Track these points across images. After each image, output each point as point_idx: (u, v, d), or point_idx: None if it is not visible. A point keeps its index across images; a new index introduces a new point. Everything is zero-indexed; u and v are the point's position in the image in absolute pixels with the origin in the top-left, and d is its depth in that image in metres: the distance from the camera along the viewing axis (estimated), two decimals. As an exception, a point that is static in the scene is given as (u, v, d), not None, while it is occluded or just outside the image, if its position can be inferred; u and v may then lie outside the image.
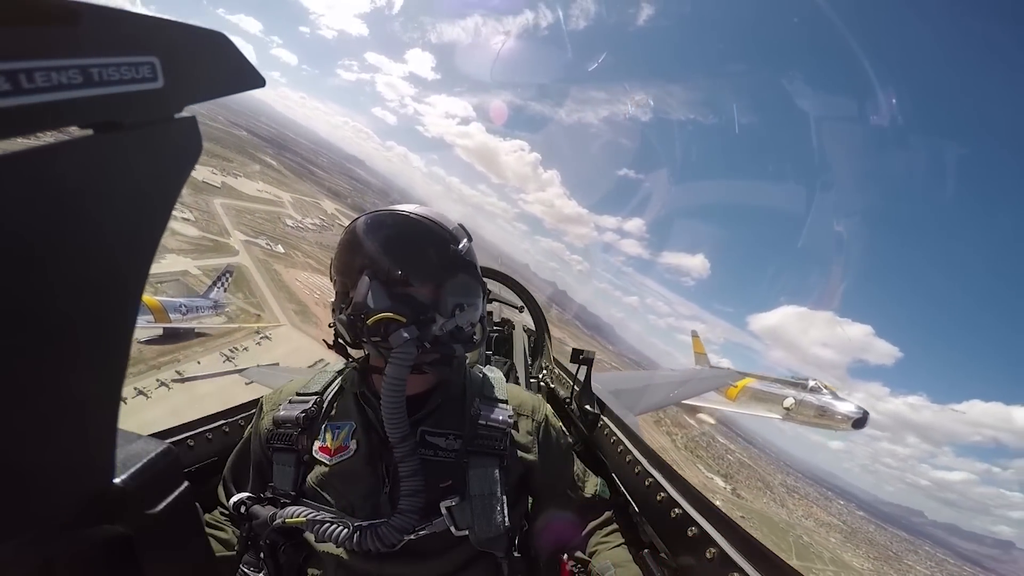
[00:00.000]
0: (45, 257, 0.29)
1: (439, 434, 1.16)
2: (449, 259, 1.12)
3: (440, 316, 1.11)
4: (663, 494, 1.22)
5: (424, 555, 1.10)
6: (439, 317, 1.10)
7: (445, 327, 1.11)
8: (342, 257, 1.15)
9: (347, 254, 1.14)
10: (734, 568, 0.93)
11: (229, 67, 0.39)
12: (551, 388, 2.65)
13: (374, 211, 1.17)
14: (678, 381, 13.82)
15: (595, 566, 1.24)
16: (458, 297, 1.14)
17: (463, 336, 1.18)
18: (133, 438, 0.44)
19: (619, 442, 1.54)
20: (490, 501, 1.10)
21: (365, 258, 1.10)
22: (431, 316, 1.09)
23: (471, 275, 1.18)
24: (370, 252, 1.10)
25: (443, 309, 1.11)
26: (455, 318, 1.13)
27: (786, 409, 21.52)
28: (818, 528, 78.99)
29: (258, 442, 1.27)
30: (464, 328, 1.17)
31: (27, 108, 0.26)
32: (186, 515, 0.45)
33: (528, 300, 3.91)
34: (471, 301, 1.18)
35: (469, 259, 1.18)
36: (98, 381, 0.35)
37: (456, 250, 1.14)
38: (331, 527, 1.05)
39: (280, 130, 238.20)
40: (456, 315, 1.13)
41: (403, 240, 1.11)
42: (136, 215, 0.34)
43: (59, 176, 0.28)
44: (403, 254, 1.10)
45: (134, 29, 0.31)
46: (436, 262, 1.12)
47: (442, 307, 1.11)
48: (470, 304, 1.17)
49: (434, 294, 1.12)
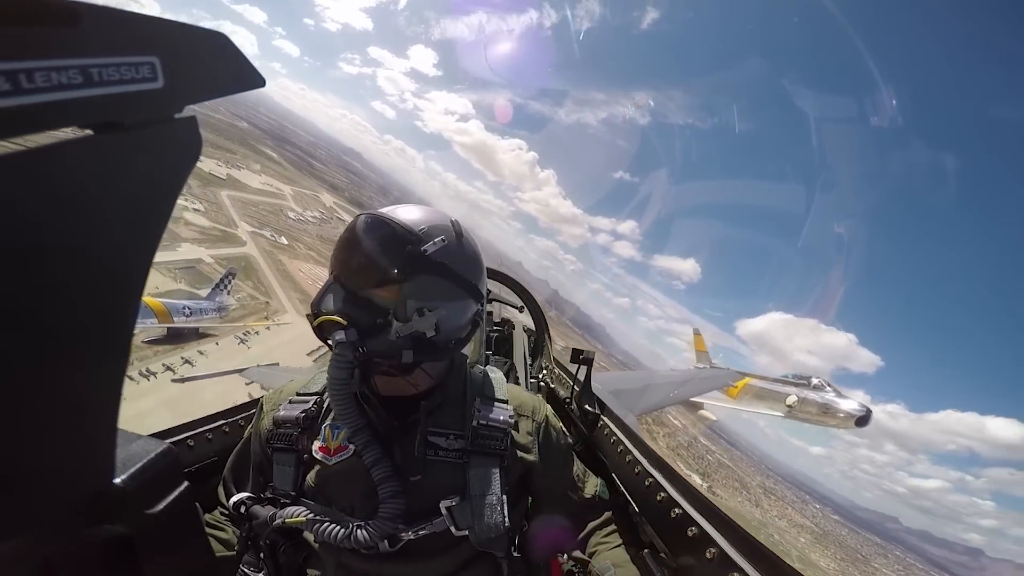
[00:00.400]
0: (45, 257, 0.29)
1: (439, 434, 1.16)
2: (407, 261, 1.07)
3: (396, 320, 1.07)
4: (663, 494, 1.22)
5: (424, 555, 1.10)
6: (395, 321, 1.07)
7: (400, 332, 1.07)
8: (330, 260, 1.17)
9: (331, 257, 1.16)
10: (734, 568, 0.93)
11: (229, 67, 0.38)
12: (551, 388, 2.65)
13: (365, 212, 1.17)
14: (678, 381, 13.80)
15: (595, 566, 1.24)
16: (420, 301, 1.09)
17: (424, 342, 1.11)
18: (133, 438, 0.44)
19: (619, 442, 1.54)
20: (490, 501, 1.10)
21: (334, 260, 1.13)
22: (387, 320, 1.07)
23: (440, 277, 1.12)
24: (336, 255, 1.13)
25: (400, 313, 1.08)
26: (412, 323, 1.08)
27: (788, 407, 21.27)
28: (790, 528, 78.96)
29: (258, 442, 1.27)
30: (427, 333, 1.10)
31: (27, 108, 0.26)
32: (186, 515, 0.45)
33: (528, 300, 3.91)
34: (436, 305, 1.11)
35: (439, 260, 1.11)
36: (98, 381, 0.35)
37: (415, 251, 1.08)
38: (329, 526, 1.06)
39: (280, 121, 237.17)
40: (415, 319, 1.08)
41: (360, 243, 1.10)
42: (136, 215, 0.34)
43: (59, 176, 0.28)
44: (357, 257, 1.09)
45: (134, 29, 0.31)
46: (389, 265, 1.07)
47: (399, 311, 1.08)
48: (433, 308, 1.11)
49: (394, 298, 1.08)
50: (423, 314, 1.09)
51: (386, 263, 1.08)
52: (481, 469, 1.12)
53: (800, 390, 21.17)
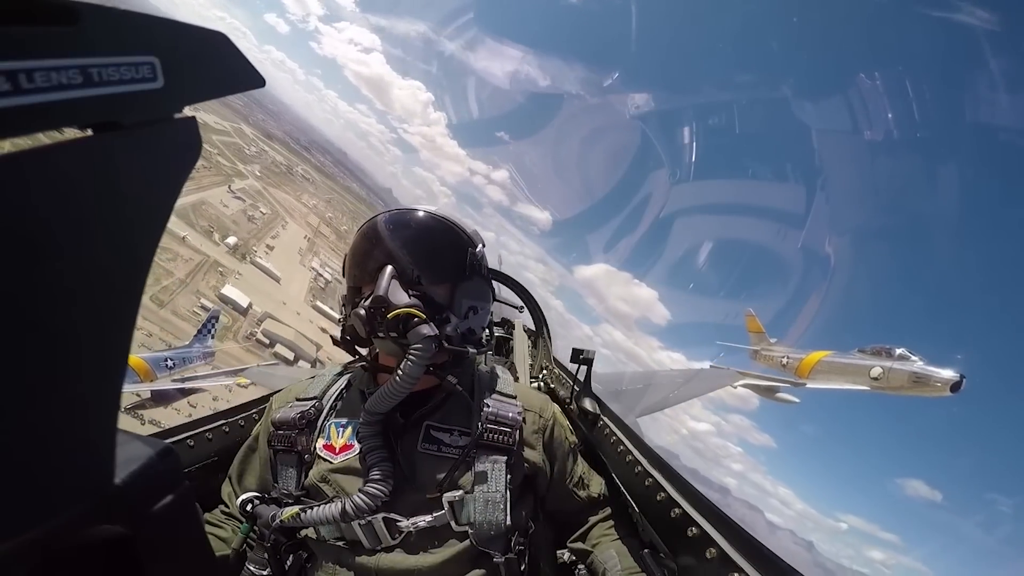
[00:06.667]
0: (45, 257, 0.28)
1: (444, 429, 1.17)
2: (466, 262, 1.15)
3: (454, 317, 1.12)
4: (663, 494, 1.22)
5: (423, 549, 1.10)
6: (453, 318, 1.12)
7: (459, 328, 1.13)
8: (360, 252, 1.16)
9: (365, 249, 1.15)
10: (734, 568, 0.92)
11: (229, 67, 0.38)
12: (551, 388, 2.64)
13: (395, 208, 1.20)
14: (680, 381, 13.77)
15: (598, 556, 1.25)
16: (472, 300, 1.16)
17: (474, 339, 1.19)
18: (133, 438, 0.44)
19: (619, 442, 1.54)
20: (493, 498, 1.10)
21: (385, 254, 1.10)
22: (446, 316, 1.11)
23: (484, 280, 1.21)
24: (391, 249, 1.11)
25: (457, 310, 1.13)
26: (468, 320, 1.15)
27: (874, 379, 19.78)
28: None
29: (265, 440, 1.28)
30: (476, 331, 1.19)
31: (27, 108, 0.26)
32: (186, 515, 0.45)
33: (528, 300, 3.91)
34: (483, 305, 1.20)
35: (484, 264, 1.21)
36: (98, 381, 0.34)
37: (474, 254, 1.16)
38: (321, 507, 1.07)
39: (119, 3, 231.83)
40: (469, 317, 1.15)
41: (425, 239, 1.14)
42: (136, 215, 0.34)
43: (59, 176, 0.28)
44: (424, 253, 1.12)
45: (134, 29, 0.31)
46: (454, 264, 1.14)
47: (456, 308, 1.13)
48: (482, 308, 1.20)
49: (449, 295, 1.13)
50: (475, 312, 1.17)
51: (454, 262, 1.14)
52: (486, 465, 1.13)
53: (884, 361, 19.74)
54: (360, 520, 1.05)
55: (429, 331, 1.01)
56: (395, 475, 1.09)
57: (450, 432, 1.17)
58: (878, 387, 19.88)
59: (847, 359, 21.25)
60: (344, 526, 1.09)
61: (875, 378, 19.80)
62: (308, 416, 1.21)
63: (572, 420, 2.03)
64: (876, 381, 19.79)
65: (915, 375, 18.83)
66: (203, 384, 20.88)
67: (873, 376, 19.85)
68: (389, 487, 1.06)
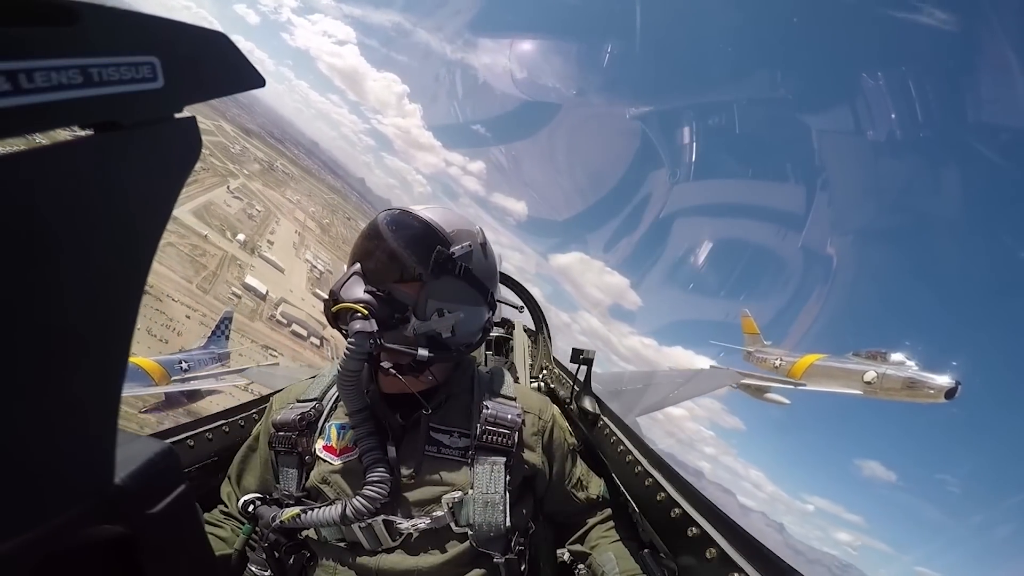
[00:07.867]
0: (45, 257, 0.28)
1: (444, 431, 1.17)
2: (434, 261, 1.09)
3: (415, 318, 1.09)
4: (663, 494, 1.22)
5: (423, 550, 1.10)
6: (413, 318, 1.09)
7: (417, 330, 1.09)
8: (352, 247, 1.18)
9: (354, 245, 1.17)
10: (734, 568, 0.92)
11: (229, 67, 0.38)
12: (551, 388, 2.64)
13: (390, 208, 1.19)
14: (679, 381, 13.75)
15: (596, 558, 1.25)
16: (440, 301, 1.11)
17: (438, 342, 1.13)
18: (133, 438, 0.44)
19: (619, 442, 1.54)
20: (492, 499, 1.10)
21: (358, 253, 1.14)
22: (406, 316, 1.08)
23: (463, 281, 1.14)
24: (364, 247, 1.14)
25: (420, 312, 1.10)
26: (430, 322, 1.10)
27: (867, 383, 19.41)
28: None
29: (266, 441, 1.28)
30: (442, 333, 1.13)
31: (27, 108, 0.25)
32: (186, 515, 0.45)
33: (528, 300, 3.91)
34: (455, 307, 1.13)
35: (464, 264, 1.13)
36: (98, 381, 0.34)
37: (444, 252, 1.10)
38: (321, 509, 1.08)
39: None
40: (433, 319, 1.10)
41: (389, 236, 1.11)
42: (136, 215, 0.34)
43: (59, 176, 0.28)
44: (384, 252, 1.11)
45: (134, 29, 0.31)
46: (419, 263, 1.09)
47: (420, 309, 1.10)
48: (453, 310, 1.13)
49: (415, 295, 1.10)
50: (443, 315, 1.12)
51: (414, 260, 1.10)
52: (485, 467, 1.13)
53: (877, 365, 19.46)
54: (360, 523, 1.05)
55: (361, 327, 1.00)
56: (394, 477, 1.09)
57: (450, 433, 1.17)
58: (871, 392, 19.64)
59: (840, 363, 20.98)
60: (344, 528, 1.09)
61: (868, 383, 19.54)
62: (308, 418, 1.21)
63: (572, 420, 2.03)
64: (869, 386, 19.54)
65: (909, 380, 18.53)
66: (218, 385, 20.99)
67: (866, 380, 19.59)
68: (387, 490, 1.06)
